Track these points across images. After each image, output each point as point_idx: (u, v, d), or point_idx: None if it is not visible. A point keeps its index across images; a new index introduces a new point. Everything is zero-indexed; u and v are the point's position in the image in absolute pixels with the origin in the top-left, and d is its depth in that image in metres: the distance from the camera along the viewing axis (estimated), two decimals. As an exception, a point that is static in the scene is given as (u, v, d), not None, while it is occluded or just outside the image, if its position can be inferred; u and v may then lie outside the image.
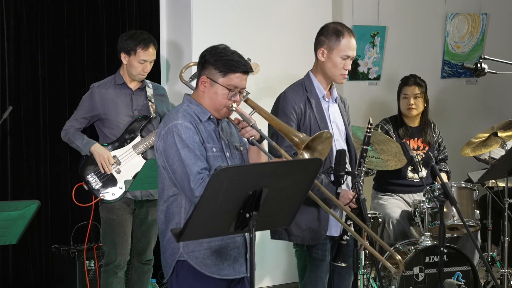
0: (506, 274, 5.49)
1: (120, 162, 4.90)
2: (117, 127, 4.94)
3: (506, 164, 5.02)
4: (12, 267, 5.66)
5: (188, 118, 3.42)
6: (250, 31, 5.98)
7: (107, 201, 4.90)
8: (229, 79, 3.41)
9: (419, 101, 5.76)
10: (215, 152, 3.45)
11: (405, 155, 3.95)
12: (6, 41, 5.55)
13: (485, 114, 7.47)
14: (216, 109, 3.48)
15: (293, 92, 4.17)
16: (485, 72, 4.80)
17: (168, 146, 3.39)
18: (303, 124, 4.09)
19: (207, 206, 3.01)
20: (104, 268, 4.99)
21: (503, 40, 7.51)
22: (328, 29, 4.16)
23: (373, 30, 6.87)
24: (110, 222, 4.93)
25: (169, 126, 3.40)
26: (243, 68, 3.43)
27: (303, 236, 4.10)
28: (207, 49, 3.49)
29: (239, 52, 3.48)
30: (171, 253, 3.47)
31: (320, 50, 4.16)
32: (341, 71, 4.11)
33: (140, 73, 4.93)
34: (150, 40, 4.93)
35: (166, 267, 3.52)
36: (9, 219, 3.59)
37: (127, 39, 4.92)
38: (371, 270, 5.16)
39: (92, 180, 4.90)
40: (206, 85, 3.45)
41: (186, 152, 3.36)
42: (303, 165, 3.28)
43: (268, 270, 6.17)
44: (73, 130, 4.97)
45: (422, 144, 5.79)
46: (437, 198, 3.87)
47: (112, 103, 4.94)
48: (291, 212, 3.31)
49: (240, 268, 3.52)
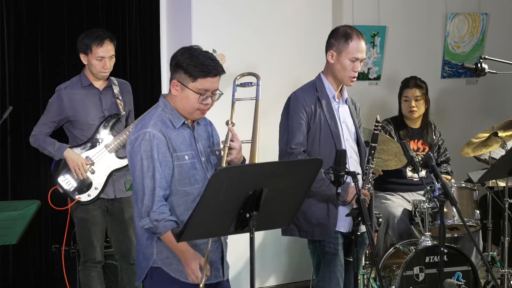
0: (506, 274, 5.49)
1: (94, 162, 4.90)
2: (88, 128, 4.92)
3: (506, 164, 5.02)
4: (12, 267, 5.66)
5: (159, 126, 3.39)
6: (250, 31, 5.98)
7: (83, 202, 4.90)
8: (199, 84, 3.37)
9: (420, 103, 5.77)
10: (187, 160, 3.42)
11: (405, 155, 3.95)
12: (6, 41, 5.55)
13: (485, 114, 7.46)
14: (188, 112, 3.45)
15: (303, 92, 4.26)
16: (485, 72, 4.80)
17: (134, 152, 3.39)
18: (314, 123, 4.19)
19: (207, 206, 3.01)
20: (83, 265, 5.02)
21: (503, 40, 7.50)
22: (338, 32, 4.25)
23: (373, 30, 6.87)
24: (85, 222, 4.95)
25: (139, 133, 3.39)
26: (213, 72, 3.38)
27: (313, 231, 4.19)
28: (178, 51, 3.44)
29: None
30: (144, 258, 3.46)
31: (329, 53, 4.24)
32: (350, 73, 4.20)
33: (101, 71, 4.88)
34: (105, 36, 4.88)
35: (139, 270, 3.51)
36: (9, 219, 3.59)
37: (82, 39, 4.89)
38: (371, 270, 5.16)
39: (65, 182, 4.89)
40: (177, 89, 3.42)
41: (149, 162, 3.35)
42: (303, 165, 3.29)
43: (268, 270, 6.17)
44: (43, 136, 4.94)
45: (422, 146, 5.79)
46: (437, 198, 3.86)
47: (81, 105, 4.91)
48: (291, 212, 3.31)
49: (216, 273, 3.52)
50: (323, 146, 4.18)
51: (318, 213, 4.17)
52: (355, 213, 3.61)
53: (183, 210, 3.41)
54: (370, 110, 6.72)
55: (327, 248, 4.20)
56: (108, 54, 4.87)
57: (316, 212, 4.17)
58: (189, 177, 3.43)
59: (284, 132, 4.22)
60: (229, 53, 5.27)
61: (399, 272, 5.03)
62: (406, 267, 5.04)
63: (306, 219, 4.19)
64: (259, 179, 3.05)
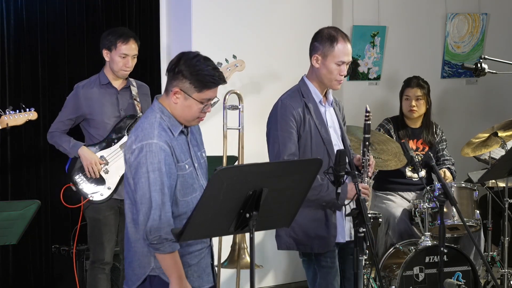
0: (506, 274, 5.49)
1: (108, 162, 4.90)
2: (103, 127, 4.92)
3: (506, 164, 5.02)
4: (12, 267, 5.66)
5: (164, 137, 3.31)
6: (249, 32, 5.98)
7: (96, 202, 4.89)
8: (204, 94, 3.33)
9: (421, 103, 5.76)
10: (188, 169, 3.38)
11: (405, 155, 3.94)
12: (6, 41, 5.55)
13: (485, 114, 7.46)
14: (187, 120, 3.40)
15: (290, 98, 4.07)
16: (485, 72, 4.80)
17: (138, 164, 3.28)
18: (304, 131, 4.01)
19: (207, 206, 3.01)
20: (91, 266, 5.01)
21: (503, 40, 7.51)
22: (322, 34, 4.06)
23: (373, 30, 6.87)
24: (96, 222, 4.94)
25: (143, 144, 3.29)
26: (218, 83, 3.35)
27: (312, 245, 4.03)
28: (180, 58, 3.36)
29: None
30: (139, 265, 3.40)
31: (314, 57, 4.06)
32: (337, 77, 4.02)
33: (122, 68, 4.89)
34: (130, 35, 4.90)
35: (132, 276, 3.43)
36: (9, 219, 3.59)
37: (107, 35, 4.91)
38: (371, 270, 5.16)
39: (80, 180, 4.89)
40: (179, 97, 3.35)
41: (156, 176, 3.26)
42: (303, 165, 3.29)
43: (268, 270, 6.17)
44: (59, 133, 4.95)
45: (422, 145, 5.79)
46: (437, 198, 3.86)
47: (98, 103, 4.92)
48: (291, 212, 3.31)
49: (208, 278, 3.50)
50: (314, 153, 4.01)
51: (316, 225, 4.01)
52: (355, 213, 3.60)
53: (185, 219, 3.36)
54: (370, 110, 6.71)
55: (323, 262, 4.06)
56: (132, 53, 4.88)
57: (314, 224, 4.01)
58: (189, 186, 3.39)
59: (274, 142, 4.00)
60: (229, 53, 5.27)
61: (399, 272, 5.03)
62: (406, 267, 5.04)
63: (304, 231, 4.01)
64: (259, 179, 3.05)
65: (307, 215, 3.98)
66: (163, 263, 3.30)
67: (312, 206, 3.97)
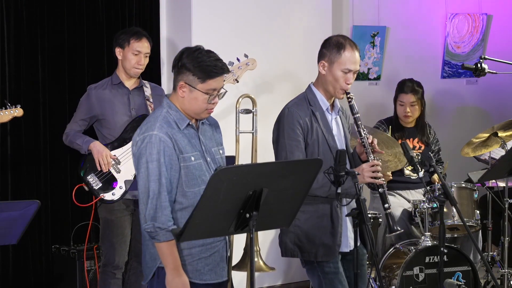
0: (506, 274, 5.49)
1: (120, 161, 4.90)
2: (115, 127, 4.92)
3: (506, 164, 5.02)
4: (12, 267, 5.65)
5: (165, 128, 3.39)
6: (250, 31, 5.98)
7: (107, 201, 4.89)
8: (208, 84, 3.40)
9: (415, 108, 5.72)
10: (194, 161, 3.43)
11: (405, 155, 3.94)
12: (6, 41, 5.55)
13: (485, 114, 7.47)
14: (196, 112, 3.47)
15: (297, 106, 4.04)
16: (485, 72, 4.80)
17: (139, 155, 3.40)
18: (311, 139, 4.00)
19: (207, 206, 3.01)
20: (102, 269, 4.99)
21: (503, 40, 7.51)
22: (330, 41, 4.05)
23: (373, 30, 6.87)
24: (109, 223, 4.93)
25: (145, 135, 3.39)
26: (221, 72, 3.42)
27: (317, 252, 4.01)
28: (182, 52, 3.45)
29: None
30: (150, 258, 3.47)
31: (321, 63, 4.04)
32: (342, 85, 4.00)
33: (134, 66, 4.90)
34: (143, 33, 4.95)
35: (146, 270, 3.53)
36: (9, 219, 3.59)
37: (120, 34, 4.96)
38: (371, 270, 5.16)
39: (92, 180, 4.89)
40: (184, 90, 3.43)
41: (155, 166, 3.36)
42: (303, 165, 3.29)
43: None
44: (74, 132, 4.97)
45: (418, 144, 5.78)
46: (437, 198, 3.85)
47: (109, 103, 4.93)
48: (291, 212, 3.31)
49: (222, 272, 3.52)
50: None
51: (321, 233, 3.99)
52: (355, 213, 3.61)
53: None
54: (370, 110, 6.73)
55: (327, 268, 4.03)
56: (144, 51, 4.91)
57: (319, 232, 3.99)
58: (196, 178, 3.43)
59: (281, 150, 3.99)
60: (228, 53, 5.26)
61: (399, 272, 5.03)
62: (406, 267, 5.04)
63: (309, 239, 3.99)
64: (259, 179, 3.05)
65: (313, 223, 3.98)
66: (159, 252, 3.38)
67: (318, 213, 3.98)
